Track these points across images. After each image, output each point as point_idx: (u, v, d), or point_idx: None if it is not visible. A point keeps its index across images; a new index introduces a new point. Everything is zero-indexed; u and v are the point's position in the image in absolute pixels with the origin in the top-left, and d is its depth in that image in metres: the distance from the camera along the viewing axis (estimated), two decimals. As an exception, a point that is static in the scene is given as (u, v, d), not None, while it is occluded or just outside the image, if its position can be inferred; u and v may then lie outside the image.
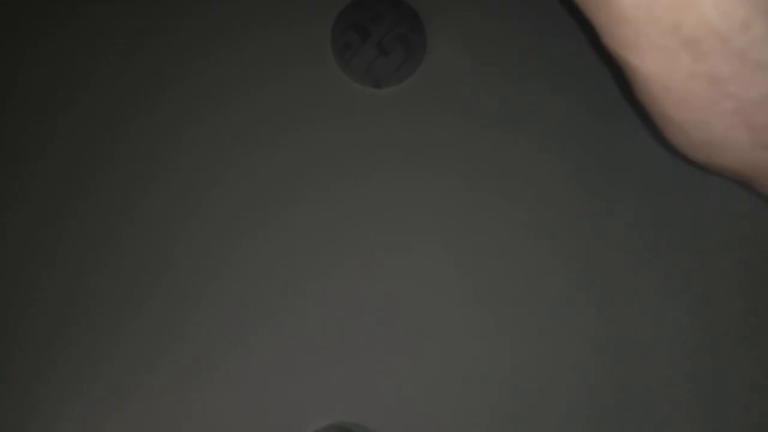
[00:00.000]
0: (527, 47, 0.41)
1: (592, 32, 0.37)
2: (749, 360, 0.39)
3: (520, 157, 0.40)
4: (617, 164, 0.40)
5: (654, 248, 0.40)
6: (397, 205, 0.40)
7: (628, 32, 0.32)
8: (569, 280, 0.39)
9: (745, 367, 0.39)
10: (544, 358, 0.39)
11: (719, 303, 0.39)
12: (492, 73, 0.41)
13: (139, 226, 0.40)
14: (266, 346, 0.39)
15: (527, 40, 0.41)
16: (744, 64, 0.31)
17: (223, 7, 0.41)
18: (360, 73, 0.41)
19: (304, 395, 0.39)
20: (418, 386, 0.39)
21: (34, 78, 0.41)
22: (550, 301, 0.39)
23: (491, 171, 0.40)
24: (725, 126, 0.32)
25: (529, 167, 0.40)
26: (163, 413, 0.38)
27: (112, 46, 0.41)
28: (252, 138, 0.40)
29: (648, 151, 0.40)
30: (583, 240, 0.40)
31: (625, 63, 0.33)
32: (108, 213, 0.40)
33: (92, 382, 0.39)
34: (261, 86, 0.41)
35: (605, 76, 0.41)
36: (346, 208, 0.40)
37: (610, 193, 0.40)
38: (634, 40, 0.32)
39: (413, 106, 0.41)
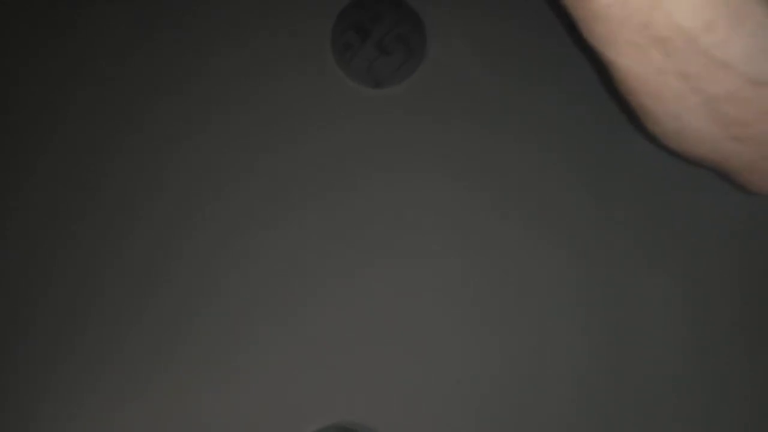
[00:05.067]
0: (527, 47, 0.41)
1: (574, 28, 0.38)
2: (746, 359, 0.39)
3: (520, 157, 0.40)
4: (617, 164, 0.40)
5: (652, 248, 0.40)
6: (397, 204, 0.40)
7: (603, 29, 0.33)
8: (569, 281, 0.39)
9: (741, 366, 0.39)
10: (543, 358, 0.39)
11: (716, 302, 0.39)
12: (492, 73, 0.41)
13: (143, 228, 0.40)
14: (268, 347, 0.39)
15: (527, 40, 0.41)
16: (709, 63, 0.33)
17: (223, 7, 0.41)
18: (360, 73, 0.41)
19: (305, 395, 0.39)
20: (419, 386, 0.39)
21: (36, 79, 0.41)
22: (550, 301, 0.39)
23: (491, 170, 0.40)
24: (696, 118, 0.34)
25: (529, 167, 0.40)
26: (165, 413, 0.38)
27: (113, 48, 0.41)
28: (252, 138, 0.40)
29: (647, 151, 0.40)
30: (584, 240, 0.40)
31: (603, 57, 0.34)
32: (113, 214, 0.40)
33: (96, 383, 0.39)
34: (261, 86, 0.41)
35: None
36: (346, 207, 0.40)
37: (609, 192, 0.40)
38: (609, 36, 0.33)
39: (413, 106, 0.41)
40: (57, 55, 0.41)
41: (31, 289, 0.39)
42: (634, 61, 0.34)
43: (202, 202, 0.40)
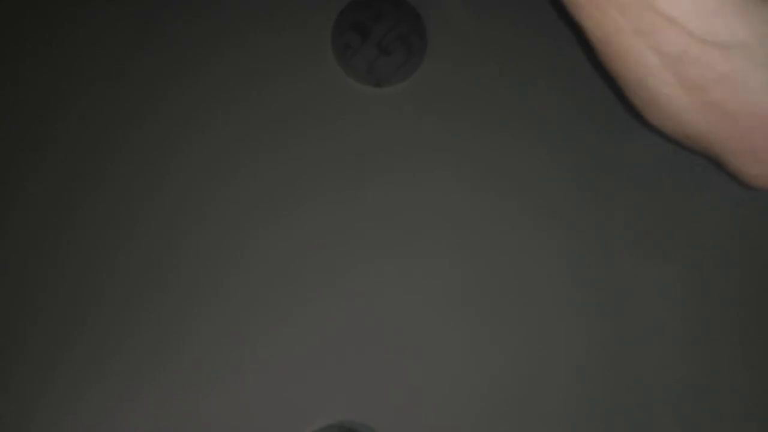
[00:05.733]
0: (527, 47, 0.41)
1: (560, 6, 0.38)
2: (745, 359, 0.39)
3: (520, 156, 0.40)
4: (617, 163, 0.40)
5: (652, 247, 0.40)
6: (397, 204, 0.40)
7: None
8: (569, 280, 0.39)
9: (741, 366, 0.39)
10: (543, 357, 0.39)
11: (716, 300, 0.39)
12: (492, 72, 0.41)
13: (143, 228, 0.40)
14: (268, 347, 0.39)
15: (527, 40, 0.41)
16: (659, 19, 0.33)
17: (223, 8, 0.41)
18: (361, 73, 0.41)
19: (304, 395, 0.39)
20: (418, 386, 0.39)
21: (37, 79, 0.41)
22: (551, 300, 0.39)
23: (491, 170, 0.40)
24: (661, 83, 0.34)
25: (529, 166, 0.40)
26: (165, 412, 0.38)
27: (112, 49, 0.41)
28: (253, 137, 0.40)
29: (647, 150, 0.40)
30: (584, 238, 0.40)
31: (578, 24, 0.35)
32: (113, 214, 0.40)
33: (96, 382, 0.39)
34: (262, 86, 0.41)
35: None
36: (346, 207, 0.40)
37: (609, 192, 0.40)
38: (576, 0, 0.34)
39: (413, 106, 0.41)
40: (57, 55, 0.41)
41: (31, 288, 0.39)
42: (597, 22, 0.34)
43: (202, 201, 0.40)
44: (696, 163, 0.39)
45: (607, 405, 0.39)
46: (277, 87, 0.41)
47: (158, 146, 0.40)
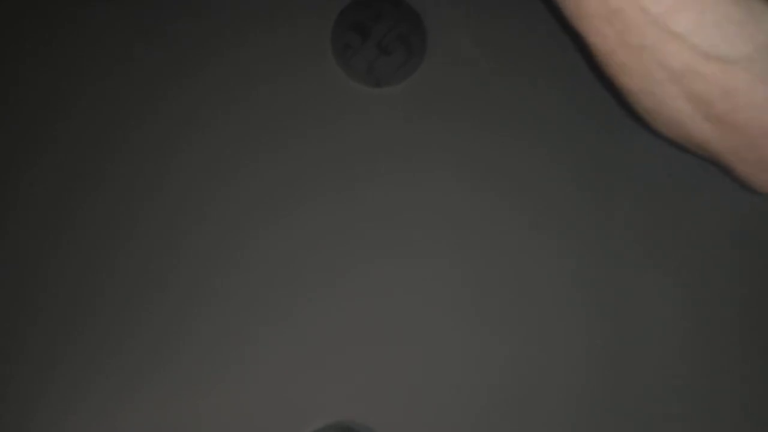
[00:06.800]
0: (528, 46, 0.41)
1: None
2: (745, 360, 0.39)
3: (520, 156, 0.40)
4: (617, 164, 0.40)
5: (652, 247, 0.40)
6: (398, 204, 0.40)
7: (572, 3, 0.34)
8: (569, 280, 0.39)
9: (740, 367, 0.39)
10: (543, 357, 0.39)
11: (716, 302, 0.39)
12: (493, 72, 0.41)
13: (142, 228, 0.40)
14: (268, 347, 0.39)
15: (528, 39, 0.41)
16: (662, 33, 0.33)
17: (223, 7, 0.41)
18: (360, 73, 0.41)
19: (304, 394, 0.39)
20: (419, 385, 0.39)
21: (37, 79, 0.41)
22: (551, 300, 0.39)
23: (491, 170, 0.40)
24: (667, 95, 0.34)
25: (529, 167, 0.40)
26: (164, 413, 0.38)
27: (112, 48, 0.41)
28: (252, 138, 0.40)
29: (648, 150, 0.40)
30: (584, 239, 0.40)
31: (579, 33, 0.35)
32: (112, 214, 0.40)
33: (96, 383, 0.39)
34: (261, 86, 0.40)
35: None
36: (346, 207, 0.40)
37: (609, 192, 0.40)
38: (577, 11, 0.34)
39: (414, 106, 0.41)
40: (57, 55, 0.41)
41: (31, 288, 0.39)
42: (601, 36, 0.34)
43: (201, 201, 0.40)
44: (696, 163, 0.39)
45: (607, 405, 0.39)
46: (277, 87, 0.41)
47: (158, 146, 0.40)
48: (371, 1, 0.41)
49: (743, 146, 0.35)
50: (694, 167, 0.40)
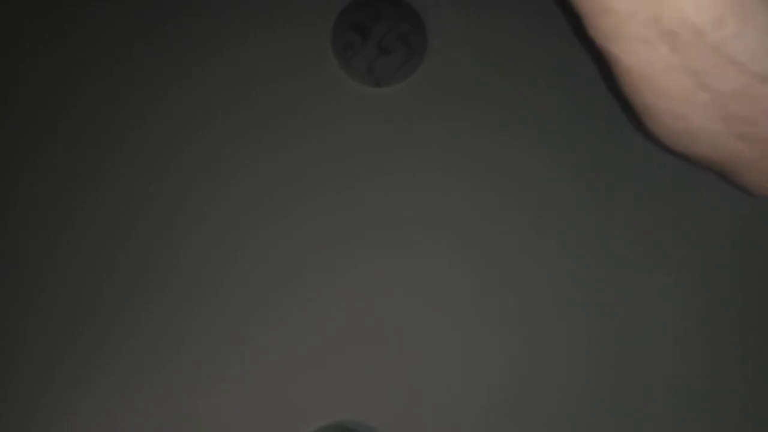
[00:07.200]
0: (528, 47, 0.41)
1: (579, 25, 0.38)
2: (745, 360, 0.39)
3: (520, 156, 0.40)
4: (617, 164, 0.40)
5: (652, 248, 0.40)
6: (398, 204, 0.40)
7: (610, 23, 0.33)
8: (569, 280, 0.39)
9: (740, 367, 0.39)
10: (543, 356, 0.39)
11: (716, 302, 0.39)
12: (493, 72, 0.41)
13: (142, 228, 0.40)
14: (268, 347, 0.39)
15: (528, 40, 0.41)
16: (718, 59, 0.32)
17: (223, 7, 0.41)
18: (361, 73, 0.41)
19: (304, 394, 0.39)
20: (419, 385, 0.39)
21: (37, 79, 0.41)
22: (551, 300, 0.39)
23: (492, 170, 0.40)
24: (701, 117, 0.34)
25: (529, 167, 0.40)
26: (164, 413, 0.39)
27: (112, 49, 0.41)
28: (252, 137, 0.40)
29: (648, 151, 0.40)
30: (584, 240, 0.40)
31: (608, 54, 0.34)
32: (112, 214, 0.40)
33: (96, 383, 0.39)
34: (261, 86, 0.41)
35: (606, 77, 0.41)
36: (346, 207, 0.40)
37: (609, 192, 0.40)
38: (616, 31, 0.33)
39: (414, 106, 0.41)
40: (57, 55, 0.41)
41: (31, 288, 0.39)
42: (641, 58, 0.33)
43: (202, 201, 0.40)
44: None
45: (607, 405, 0.39)
46: (277, 87, 0.41)
47: (158, 146, 0.40)
48: (371, 1, 0.41)
49: (760, 158, 0.35)
50: (694, 167, 0.40)
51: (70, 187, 0.40)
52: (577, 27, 0.40)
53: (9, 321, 0.39)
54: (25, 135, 0.40)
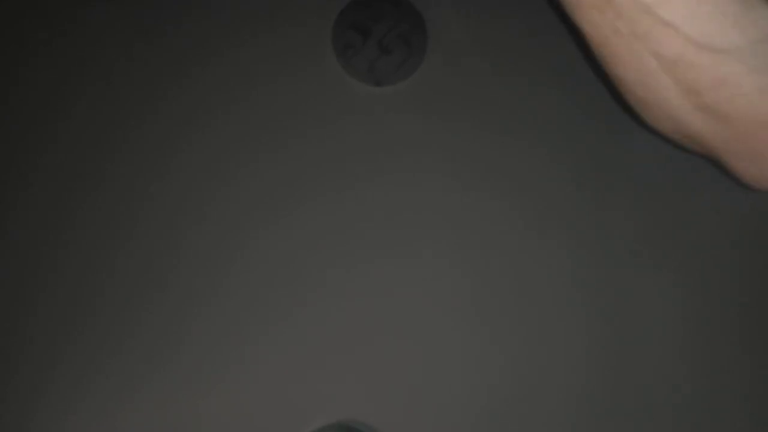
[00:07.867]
0: (528, 46, 0.41)
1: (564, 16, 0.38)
2: (746, 359, 0.39)
3: (520, 156, 0.40)
4: (617, 164, 0.40)
5: (652, 247, 0.40)
6: (398, 203, 0.40)
7: None
8: (569, 280, 0.39)
9: (740, 367, 0.39)
10: (543, 356, 0.39)
11: (716, 302, 0.39)
12: (493, 72, 0.41)
13: (142, 228, 0.40)
14: (268, 347, 0.39)
15: (528, 38, 0.41)
16: (655, 22, 0.33)
17: (223, 7, 0.41)
18: (361, 72, 0.41)
19: (305, 394, 0.39)
20: (420, 384, 0.39)
21: (37, 79, 0.41)
22: (550, 300, 0.39)
23: (492, 169, 0.40)
24: (659, 86, 0.35)
25: (529, 167, 0.40)
26: (164, 413, 0.39)
27: (112, 49, 0.41)
28: (253, 137, 0.40)
29: (647, 150, 0.40)
30: (584, 239, 0.40)
31: (578, 28, 0.35)
32: (112, 214, 0.40)
33: (96, 383, 0.39)
34: (262, 86, 0.41)
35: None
36: (346, 207, 0.40)
37: (609, 192, 0.40)
38: (574, 1, 0.34)
39: (414, 105, 0.41)
40: (57, 55, 0.41)
41: (31, 288, 0.39)
42: (595, 23, 0.34)
43: (202, 201, 0.40)
44: (696, 163, 0.39)
45: (607, 405, 0.39)
46: (277, 87, 0.41)
47: (158, 146, 0.40)
48: (371, 1, 0.41)
49: (733, 138, 0.35)
50: (694, 167, 0.40)
51: (70, 187, 0.40)
52: (565, 21, 0.40)
53: (9, 321, 0.39)
54: (25, 135, 0.40)
